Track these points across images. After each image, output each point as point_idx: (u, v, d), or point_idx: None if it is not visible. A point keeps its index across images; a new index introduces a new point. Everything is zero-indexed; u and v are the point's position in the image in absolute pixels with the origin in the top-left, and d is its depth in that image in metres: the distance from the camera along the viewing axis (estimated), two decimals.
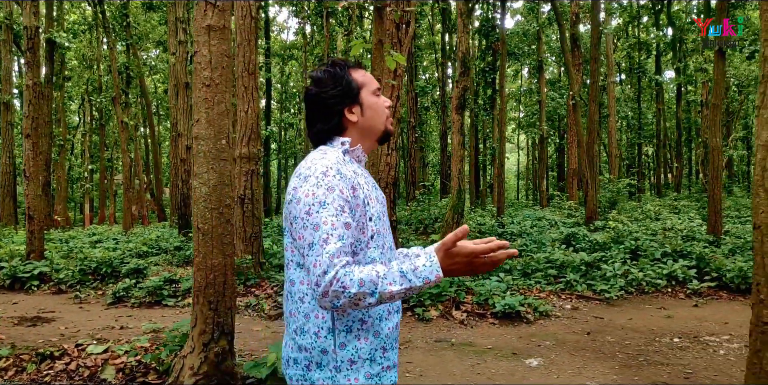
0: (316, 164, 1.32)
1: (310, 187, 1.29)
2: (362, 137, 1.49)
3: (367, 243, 1.35)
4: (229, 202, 3.42)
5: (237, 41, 8.57)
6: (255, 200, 8.45)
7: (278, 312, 6.38)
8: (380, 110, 1.49)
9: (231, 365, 3.48)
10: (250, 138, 8.41)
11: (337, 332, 1.32)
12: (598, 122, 15.67)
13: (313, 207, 1.26)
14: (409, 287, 1.21)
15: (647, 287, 7.49)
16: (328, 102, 1.44)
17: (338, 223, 1.25)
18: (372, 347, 1.34)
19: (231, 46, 3.44)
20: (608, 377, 4.07)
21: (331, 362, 1.31)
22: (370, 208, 1.37)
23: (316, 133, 1.48)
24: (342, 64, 1.49)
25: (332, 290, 1.18)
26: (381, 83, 6.22)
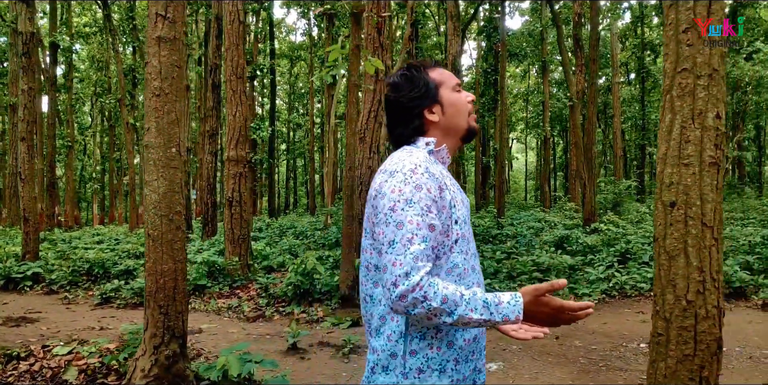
0: (404, 160, 1.29)
1: (397, 183, 1.25)
2: (445, 137, 1.45)
3: (451, 247, 1.30)
4: (179, 209, 3.50)
5: (225, 46, 8.69)
6: (243, 203, 8.56)
7: (257, 314, 6.47)
8: (461, 106, 1.45)
9: (182, 368, 3.56)
10: (239, 141, 8.52)
11: (410, 338, 1.28)
12: (596, 123, 15.55)
13: (398, 204, 1.22)
14: (488, 320, 1.18)
15: (630, 291, 7.47)
16: (408, 105, 1.42)
17: (423, 223, 1.21)
18: (444, 357, 1.28)
19: (182, 56, 3.52)
20: (563, 382, 4.09)
21: (398, 367, 1.27)
22: (456, 210, 1.32)
23: (397, 136, 1.45)
24: (417, 66, 1.47)
25: (413, 296, 1.14)
26: (356, 89, 6.29)
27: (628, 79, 27.16)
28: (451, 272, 1.30)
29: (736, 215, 17.50)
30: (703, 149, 2.00)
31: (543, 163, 24.73)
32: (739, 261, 8.62)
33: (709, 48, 2.02)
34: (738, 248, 9.29)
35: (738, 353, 4.79)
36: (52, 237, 13.90)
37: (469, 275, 1.34)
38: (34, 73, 9.22)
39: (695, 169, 2.00)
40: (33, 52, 9.17)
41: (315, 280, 6.79)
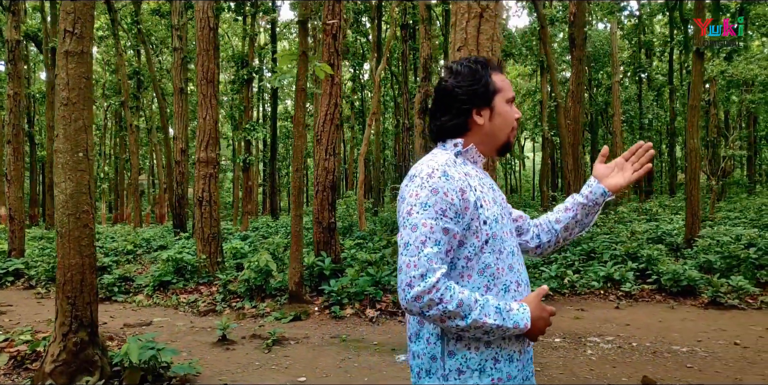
0: (423, 165, 1.30)
1: (414, 187, 1.27)
2: (482, 142, 1.43)
3: (482, 248, 1.30)
4: (87, 208, 3.82)
5: (196, 51, 9.04)
6: (213, 202, 8.90)
7: (209, 309, 6.80)
8: (509, 120, 1.43)
9: (91, 354, 3.88)
10: (209, 143, 8.86)
11: (446, 340, 1.28)
12: (583, 123, 15.59)
13: (414, 207, 1.24)
14: (501, 325, 1.22)
15: (581, 289, 7.63)
16: (460, 98, 1.38)
17: (437, 227, 1.22)
18: (482, 357, 1.28)
19: (90, 68, 3.83)
20: None
21: (439, 370, 1.28)
22: (484, 210, 1.31)
23: (438, 126, 1.42)
24: (484, 62, 1.42)
25: (429, 297, 1.16)
26: (303, 93, 6.56)
27: (634, 79, 26.95)
28: (483, 273, 1.30)
29: (733, 214, 17.37)
30: None
31: (541, 163, 24.73)
32: (701, 260, 8.72)
33: None
34: (707, 247, 9.34)
35: (645, 348, 4.96)
36: (50, 235, 14.45)
37: (505, 275, 1.34)
38: (20, 79, 9.68)
39: None
40: (18, 59, 9.64)
41: (269, 277, 7.09)
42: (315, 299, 6.94)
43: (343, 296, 6.51)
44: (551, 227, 1.60)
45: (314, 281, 7.28)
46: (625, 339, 5.26)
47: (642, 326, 5.83)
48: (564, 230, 1.59)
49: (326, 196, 7.70)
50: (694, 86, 12.36)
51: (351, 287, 6.61)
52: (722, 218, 16.51)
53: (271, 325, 5.91)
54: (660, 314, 6.47)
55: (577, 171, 14.47)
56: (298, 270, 6.60)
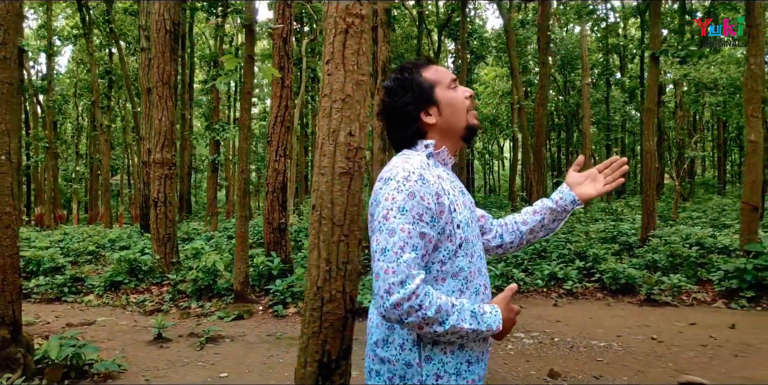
0: (398, 168, 1.28)
1: (391, 190, 1.24)
2: (445, 138, 1.42)
3: (455, 251, 1.30)
4: (9, 209, 3.92)
5: (152, 53, 9.12)
6: (168, 203, 8.97)
7: (155, 309, 6.89)
8: (459, 104, 1.41)
9: (13, 352, 3.98)
10: (164, 144, 8.93)
11: (423, 345, 1.27)
12: (546, 125, 15.88)
13: (391, 211, 1.22)
14: (476, 329, 1.23)
15: (524, 287, 7.85)
16: (403, 110, 1.39)
17: (414, 232, 1.21)
18: (458, 360, 1.29)
19: (13, 74, 3.93)
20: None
21: (415, 376, 1.27)
22: (458, 214, 1.31)
23: (396, 141, 1.44)
24: (410, 67, 1.43)
25: (409, 304, 1.15)
26: (249, 96, 6.69)
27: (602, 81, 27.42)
28: (457, 276, 1.31)
29: (696, 214, 17.77)
30: (335, 161, 2.40)
31: (511, 163, 25.13)
32: (647, 259, 9.00)
33: (344, 77, 2.42)
34: (656, 247, 9.63)
35: (565, 343, 5.17)
36: (22, 236, 14.34)
37: (476, 278, 1.36)
38: None
39: (328, 178, 2.40)
40: None
41: (217, 277, 7.20)
42: (261, 298, 7.08)
43: (287, 296, 6.64)
44: (516, 228, 1.62)
45: (263, 280, 7.41)
46: (549, 335, 5.48)
47: (571, 323, 6.05)
48: (529, 232, 1.62)
49: (276, 197, 7.83)
50: (649, 90, 12.69)
51: (296, 286, 6.75)
52: (684, 218, 16.94)
53: (212, 324, 6.03)
54: (594, 311, 6.71)
55: (540, 172, 14.74)
56: (243, 270, 6.72)
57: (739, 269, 7.16)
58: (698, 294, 7.39)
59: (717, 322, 5.99)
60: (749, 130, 7.57)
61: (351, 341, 2.49)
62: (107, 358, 4.42)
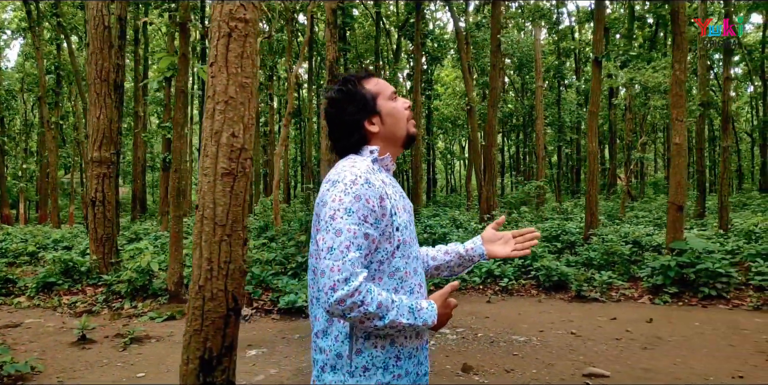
0: (346, 171, 1.35)
1: (338, 192, 1.31)
2: (387, 145, 1.51)
3: (393, 252, 1.38)
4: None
5: (90, 50, 8.93)
6: (107, 203, 8.80)
7: (86, 310, 6.78)
8: (399, 115, 1.51)
9: None
10: (102, 143, 8.76)
11: (355, 339, 1.35)
12: (496, 126, 16.16)
13: (338, 212, 1.29)
14: (413, 324, 1.32)
15: (462, 284, 8.02)
16: (347, 119, 1.47)
17: (359, 232, 1.28)
18: (387, 355, 1.36)
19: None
20: (297, 359, 4.56)
21: (344, 367, 1.34)
22: (397, 217, 1.39)
23: (341, 148, 1.51)
24: (352, 79, 1.51)
25: (351, 300, 1.22)
26: (183, 95, 6.64)
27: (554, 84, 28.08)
28: (393, 276, 1.39)
29: (641, 213, 18.36)
30: (217, 162, 2.45)
31: (467, 164, 25.53)
32: (584, 257, 9.30)
33: (227, 80, 2.47)
34: (594, 245, 9.94)
35: (487, 338, 5.33)
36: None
37: (411, 278, 1.44)
38: None
39: (211, 179, 2.45)
40: None
41: (153, 277, 7.12)
42: None
43: None
44: (426, 260, 1.71)
45: None
46: (474, 331, 5.64)
47: (499, 319, 6.23)
48: (435, 268, 1.71)
49: None
50: (593, 93, 13.07)
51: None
52: (631, 217, 17.51)
53: (142, 324, 5.97)
54: (524, 308, 6.92)
55: (491, 172, 15.02)
56: (177, 270, 6.67)
57: (663, 266, 7.49)
58: (627, 290, 7.69)
59: (637, 317, 6.26)
60: (674, 133, 7.93)
61: (235, 339, 2.54)
62: (25, 360, 4.34)
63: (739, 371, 4.27)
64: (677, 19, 7.89)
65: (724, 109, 13.21)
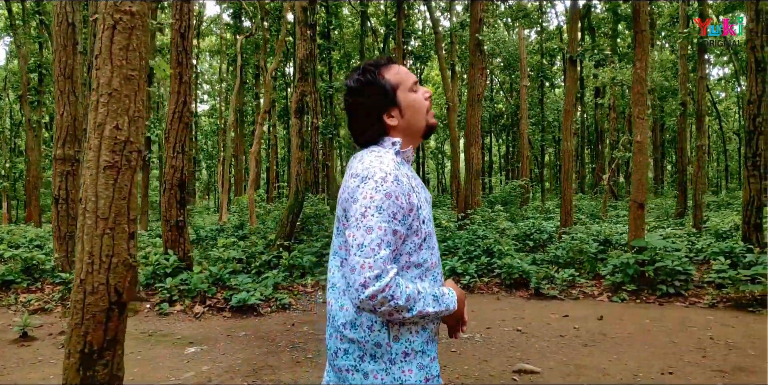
0: (375, 168, 1.35)
1: (369, 190, 1.32)
2: (406, 137, 1.50)
3: (420, 245, 1.41)
4: None
5: (54, 47, 8.89)
6: (70, 200, 8.76)
7: (39, 307, 6.74)
8: (419, 106, 1.49)
9: None
10: (66, 140, 8.72)
11: (391, 326, 1.38)
12: (478, 125, 16.16)
13: (369, 210, 1.30)
14: (438, 311, 1.37)
15: None
16: (366, 111, 1.46)
17: (389, 229, 1.30)
18: (422, 339, 1.41)
19: None
20: (234, 356, 4.55)
21: (385, 355, 1.37)
22: (422, 210, 1.42)
23: (362, 139, 1.50)
24: (372, 68, 1.48)
25: (382, 295, 1.25)
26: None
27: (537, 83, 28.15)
28: (420, 267, 1.42)
29: (623, 212, 18.40)
30: (100, 155, 2.44)
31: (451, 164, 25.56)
32: (551, 255, 9.31)
33: (111, 72, 2.45)
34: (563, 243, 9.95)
35: None
36: None
37: (435, 268, 1.48)
38: None
39: (93, 171, 2.44)
40: None
41: None
42: (153, 296, 7.01)
43: (174, 293, 6.61)
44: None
45: (158, 278, 7.34)
46: None
47: None
48: None
49: (174, 194, 7.76)
50: (567, 92, 13.10)
51: (184, 284, 6.72)
52: (612, 216, 17.57)
53: None
54: (481, 305, 6.92)
55: (470, 171, 15.01)
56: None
57: (623, 264, 7.51)
58: (588, 288, 7.71)
59: (589, 314, 6.26)
60: (635, 131, 7.94)
61: (119, 332, 2.53)
62: None
63: (671, 367, 4.27)
64: (638, 17, 7.90)
65: (698, 108, 13.26)
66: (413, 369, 1.39)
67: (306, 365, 4.42)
